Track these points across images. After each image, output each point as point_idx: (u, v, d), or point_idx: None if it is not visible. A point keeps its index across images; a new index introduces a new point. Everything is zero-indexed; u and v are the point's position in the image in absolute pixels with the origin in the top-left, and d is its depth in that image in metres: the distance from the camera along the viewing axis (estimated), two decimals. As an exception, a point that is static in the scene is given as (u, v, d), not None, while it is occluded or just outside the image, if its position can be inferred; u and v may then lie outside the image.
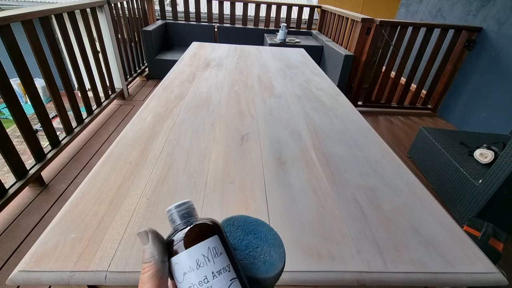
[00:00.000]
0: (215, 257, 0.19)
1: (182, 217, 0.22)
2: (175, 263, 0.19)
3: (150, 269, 0.19)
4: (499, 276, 0.44)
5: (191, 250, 0.19)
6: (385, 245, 0.47)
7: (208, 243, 0.20)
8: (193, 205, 0.23)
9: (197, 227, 0.21)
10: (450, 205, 1.38)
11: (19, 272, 0.38)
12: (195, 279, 0.18)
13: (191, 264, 0.19)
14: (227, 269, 0.19)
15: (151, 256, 0.19)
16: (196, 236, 0.20)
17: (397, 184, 0.62)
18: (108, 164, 0.60)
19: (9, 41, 1.14)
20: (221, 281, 0.19)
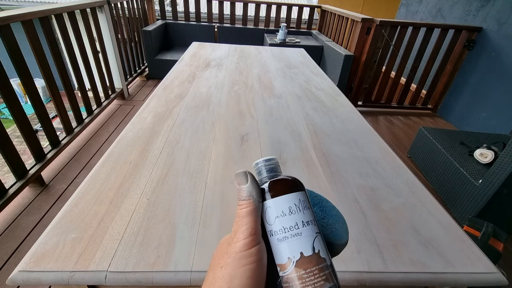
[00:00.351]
0: (305, 209, 0.21)
1: (270, 170, 0.23)
2: (268, 207, 0.21)
3: (248, 206, 0.20)
4: (499, 276, 0.44)
5: (286, 197, 0.21)
6: (385, 245, 0.47)
7: (299, 195, 0.21)
8: (278, 162, 0.24)
9: (289, 180, 0.22)
10: (450, 205, 1.38)
11: (19, 272, 0.38)
12: (287, 223, 0.20)
13: (284, 209, 0.20)
14: (313, 222, 0.21)
15: (249, 195, 0.21)
16: (290, 187, 0.21)
17: (397, 184, 0.62)
18: (108, 164, 0.60)
19: (9, 41, 1.14)
20: (309, 231, 0.20)
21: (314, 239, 0.20)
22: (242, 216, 0.20)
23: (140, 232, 0.45)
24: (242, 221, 0.20)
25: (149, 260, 0.41)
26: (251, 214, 0.20)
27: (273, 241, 0.20)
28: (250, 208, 0.20)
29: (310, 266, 0.19)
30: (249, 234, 0.19)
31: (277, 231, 0.20)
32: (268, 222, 0.21)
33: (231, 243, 0.20)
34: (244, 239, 0.19)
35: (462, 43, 2.19)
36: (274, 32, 3.11)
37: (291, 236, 0.20)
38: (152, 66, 2.78)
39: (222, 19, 3.13)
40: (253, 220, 0.20)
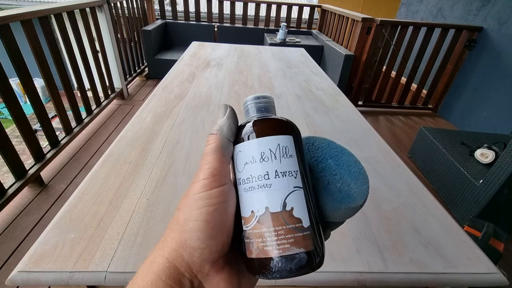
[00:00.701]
0: (283, 157, 0.17)
1: (259, 110, 0.20)
2: (238, 151, 0.18)
3: (214, 142, 0.18)
4: (499, 277, 0.44)
5: (258, 140, 0.18)
6: (386, 245, 0.47)
7: (278, 139, 0.18)
8: (273, 102, 0.21)
9: (271, 120, 0.19)
10: (450, 205, 1.38)
11: (18, 273, 0.38)
12: (255, 171, 0.17)
13: (255, 155, 0.17)
14: (293, 174, 0.17)
15: (219, 129, 0.19)
16: (267, 129, 0.18)
17: (397, 184, 0.62)
18: (107, 164, 0.60)
19: (8, 41, 1.14)
20: (283, 183, 0.17)
21: (288, 194, 0.17)
22: (206, 154, 0.18)
23: (139, 233, 0.45)
24: (204, 160, 0.18)
25: (149, 260, 0.41)
26: (215, 152, 0.18)
27: (240, 191, 0.18)
28: (215, 144, 0.18)
29: (275, 224, 0.16)
30: (210, 174, 0.17)
31: (245, 180, 0.17)
32: (238, 168, 0.18)
33: (192, 184, 0.18)
34: (204, 179, 0.17)
35: (462, 43, 2.19)
36: (274, 31, 3.11)
37: (258, 186, 0.17)
38: (152, 65, 2.77)
39: (222, 19, 3.13)
40: (217, 159, 0.17)
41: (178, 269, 0.16)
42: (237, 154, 0.18)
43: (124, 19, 2.40)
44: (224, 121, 0.19)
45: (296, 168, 0.17)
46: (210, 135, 0.19)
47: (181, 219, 0.17)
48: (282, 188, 0.17)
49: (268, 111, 0.20)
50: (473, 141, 1.51)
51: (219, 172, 0.17)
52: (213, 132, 0.19)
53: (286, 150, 0.18)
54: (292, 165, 0.17)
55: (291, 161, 0.17)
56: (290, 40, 2.85)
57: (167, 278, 0.15)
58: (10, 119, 1.19)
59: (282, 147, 0.18)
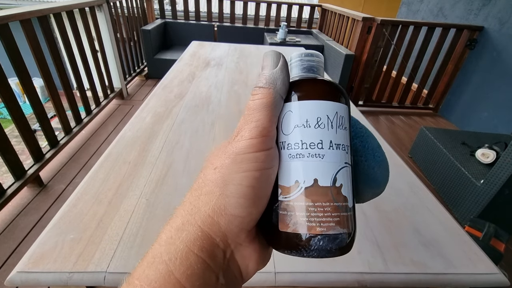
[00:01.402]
0: (339, 128, 0.15)
1: (308, 69, 0.17)
2: (288, 110, 0.16)
3: (265, 96, 0.15)
4: (500, 277, 0.43)
5: (316, 103, 0.15)
6: (386, 245, 0.47)
7: (337, 107, 0.16)
8: (323, 62, 0.18)
9: (331, 83, 0.16)
10: (451, 206, 1.38)
11: (17, 273, 0.38)
12: (308, 137, 0.15)
13: (310, 119, 0.15)
14: (345, 149, 0.16)
15: (272, 83, 0.15)
16: (326, 93, 0.16)
17: (398, 184, 0.61)
18: (107, 164, 0.60)
19: (7, 40, 1.13)
20: (336, 156, 0.15)
21: (339, 169, 0.15)
22: (253, 109, 0.15)
23: (139, 233, 0.45)
24: (251, 116, 0.15)
25: (148, 261, 0.41)
26: (266, 108, 0.15)
27: (283, 155, 0.16)
28: (267, 100, 0.15)
29: (323, 200, 0.14)
30: (259, 133, 0.14)
31: (292, 145, 0.15)
32: (284, 130, 0.16)
33: (233, 141, 0.15)
34: (250, 139, 0.14)
35: (463, 43, 2.19)
36: (274, 31, 3.10)
37: (309, 155, 0.15)
38: (151, 65, 2.77)
39: (222, 18, 3.13)
40: (268, 117, 0.15)
41: (213, 239, 0.14)
42: (286, 114, 0.16)
43: (124, 19, 2.39)
44: (277, 72, 0.16)
45: (348, 143, 0.16)
46: (259, 88, 0.15)
47: (220, 180, 0.14)
48: (334, 162, 0.15)
49: (317, 72, 0.17)
50: (474, 141, 1.50)
51: (268, 133, 0.15)
52: (263, 85, 0.15)
53: (342, 121, 0.16)
54: (345, 138, 0.16)
55: (345, 133, 0.16)
56: (290, 39, 2.85)
57: (200, 250, 0.13)
58: (9, 119, 1.19)
59: (339, 116, 0.16)
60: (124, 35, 2.42)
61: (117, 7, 2.25)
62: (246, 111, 0.15)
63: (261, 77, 0.16)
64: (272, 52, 0.17)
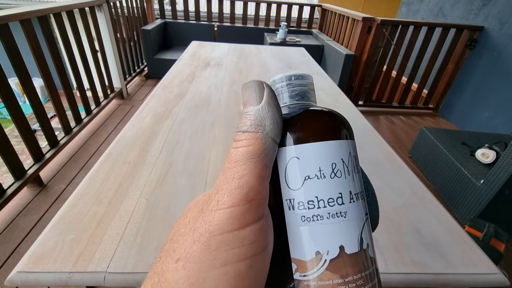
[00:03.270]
0: (355, 172, 0.12)
1: (301, 95, 0.13)
2: (292, 157, 0.12)
3: (251, 143, 0.11)
4: (500, 277, 0.43)
5: (328, 144, 0.12)
6: (386, 245, 0.47)
7: (349, 145, 0.12)
8: (313, 85, 0.14)
9: (336, 115, 0.13)
10: (451, 206, 1.38)
11: (17, 273, 0.38)
12: (325, 192, 0.11)
13: (324, 166, 0.12)
14: (363, 196, 0.13)
15: (259, 125, 0.11)
16: (334, 129, 0.12)
17: (398, 184, 0.61)
18: (107, 164, 0.60)
19: (7, 40, 1.13)
20: (358, 210, 0.12)
21: (363, 225, 0.12)
22: (235, 161, 0.11)
23: (139, 233, 0.45)
24: (233, 171, 0.11)
25: (148, 261, 0.41)
26: (254, 159, 0.11)
27: (293, 218, 0.12)
28: (255, 147, 0.11)
29: (353, 272, 0.11)
30: (244, 197, 0.10)
31: (304, 203, 0.12)
32: (289, 184, 0.12)
33: (206, 209, 0.11)
34: (231, 207, 0.10)
35: (463, 43, 2.19)
36: (274, 31, 3.10)
37: (329, 215, 0.11)
38: (151, 65, 2.77)
39: (222, 18, 3.13)
40: (256, 172, 0.11)
41: None
42: (290, 161, 0.12)
43: (124, 19, 2.39)
44: (264, 109, 0.12)
45: (363, 187, 0.13)
46: (243, 133, 0.11)
47: (184, 285, 0.09)
48: (357, 218, 0.12)
49: (309, 98, 0.14)
50: (474, 141, 1.50)
51: (257, 195, 0.11)
52: (247, 128, 0.11)
53: (355, 162, 0.13)
54: (361, 182, 0.13)
55: (360, 177, 0.13)
56: (290, 39, 2.84)
57: None
58: (9, 119, 1.18)
59: (353, 156, 0.13)
60: (124, 35, 2.42)
61: (117, 7, 2.25)
62: (226, 163, 0.11)
63: (244, 119, 0.12)
64: (253, 82, 0.13)
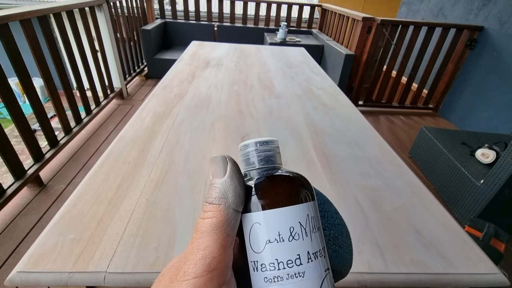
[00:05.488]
0: (313, 232, 0.14)
1: (266, 160, 0.15)
2: (254, 222, 0.13)
3: (215, 215, 0.13)
4: (500, 277, 0.43)
5: (288, 210, 0.13)
6: (386, 245, 0.47)
7: (308, 208, 0.14)
8: (279, 148, 0.16)
9: (295, 179, 0.14)
10: (451, 206, 1.38)
11: (17, 273, 0.38)
12: (283, 255, 0.13)
13: (282, 231, 0.13)
14: (323, 253, 0.14)
15: (222, 197, 0.13)
16: (292, 194, 0.14)
17: (398, 184, 0.61)
18: (107, 164, 0.60)
19: (7, 40, 1.13)
20: (316, 268, 0.13)
21: (322, 282, 0.13)
22: (201, 232, 0.13)
23: (139, 233, 0.45)
24: (199, 242, 0.12)
25: (148, 261, 0.41)
26: (215, 231, 0.12)
27: (258, 279, 0.13)
28: (217, 219, 0.13)
29: None
30: (206, 268, 0.12)
31: (266, 265, 0.13)
32: (254, 248, 0.13)
33: (175, 279, 0.12)
34: (195, 278, 0.12)
35: (463, 42, 2.18)
36: (274, 31, 3.10)
37: (288, 276, 0.13)
38: (151, 65, 2.77)
39: (222, 18, 3.13)
40: (218, 243, 0.12)
41: None
42: (253, 226, 0.13)
43: (124, 19, 2.39)
44: (227, 182, 0.13)
45: (324, 242, 0.14)
46: (209, 205, 0.13)
47: None
48: (315, 276, 0.13)
49: (274, 162, 0.15)
50: (474, 141, 1.50)
51: (219, 264, 0.12)
52: (212, 200, 0.13)
53: (314, 222, 0.14)
54: (320, 240, 0.14)
55: (319, 235, 0.14)
56: (290, 39, 2.84)
57: None
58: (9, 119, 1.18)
59: (311, 217, 0.14)
60: (124, 35, 2.42)
61: (117, 7, 2.25)
62: (194, 233, 0.13)
63: (210, 190, 0.14)
64: (218, 157, 0.14)
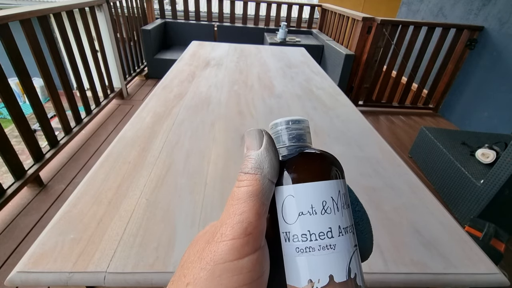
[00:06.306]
0: (343, 208, 0.14)
1: (297, 138, 0.15)
2: (288, 195, 0.14)
3: (251, 184, 0.13)
4: (500, 277, 0.43)
5: (321, 185, 0.14)
6: (386, 245, 0.47)
7: (339, 185, 0.14)
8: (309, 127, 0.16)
9: (327, 157, 0.15)
10: (451, 206, 1.38)
11: (17, 273, 0.38)
12: (316, 227, 0.13)
13: (315, 204, 0.13)
14: (352, 229, 0.14)
15: (258, 168, 0.13)
16: (325, 170, 0.14)
17: (398, 184, 0.61)
18: (107, 164, 0.60)
19: (7, 40, 1.13)
20: (346, 242, 0.13)
21: (351, 257, 0.13)
22: (237, 199, 0.13)
23: (139, 233, 0.45)
24: (235, 208, 0.13)
25: (148, 261, 0.41)
26: (253, 198, 0.13)
27: (289, 249, 0.14)
28: (254, 188, 0.13)
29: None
30: (244, 231, 0.12)
31: (299, 236, 0.13)
32: (285, 218, 0.14)
33: (212, 240, 0.13)
34: (233, 239, 0.12)
35: (463, 43, 2.18)
36: (274, 31, 3.10)
37: (320, 247, 0.13)
38: (151, 65, 2.77)
39: (222, 18, 3.13)
40: (254, 210, 0.13)
41: None
42: (286, 199, 0.14)
43: (124, 19, 2.39)
44: (263, 154, 0.14)
45: (352, 221, 0.15)
46: (245, 174, 0.14)
47: None
48: (346, 250, 0.13)
49: (305, 140, 0.16)
50: (474, 141, 1.50)
51: (255, 229, 0.12)
52: (248, 170, 0.14)
53: (344, 199, 0.14)
54: (349, 217, 0.14)
55: (349, 212, 0.14)
56: (290, 39, 2.84)
57: None
58: (9, 119, 1.18)
59: (342, 194, 0.14)
60: (124, 35, 2.42)
61: (117, 7, 2.25)
62: (230, 200, 0.13)
63: (246, 161, 0.14)
64: (254, 130, 0.15)
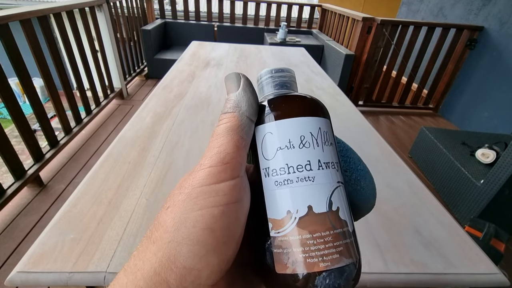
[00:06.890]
0: (325, 144, 0.14)
1: (280, 85, 0.16)
2: (267, 132, 0.14)
3: (230, 121, 0.14)
4: (501, 277, 0.43)
5: (298, 120, 0.14)
6: (386, 245, 0.47)
7: (319, 122, 0.14)
8: (295, 78, 0.17)
9: (307, 98, 0.15)
10: (451, 206, 1.38)
11: (17, 273, 0.38)
12: (293, 160, 0.13)
13: (293, 138, 0.14)
14: (335, 166, 0.14)
15: (236, 106, 0.14)
16: (306, 108, 0.15)
17: (398, 185, 0.61)
18: (107, 164, 0.60)
19: (7, 40, 1.13)
20: (327, 176, 0.13)
21: (333, 190, 0.13)
22: (217, 134, 0.14)
23: (139, 233, 0.45)
24: (214, 142, 0.13)
25: (148, 261, 0.41)
26: (230, 133, 0.13)
27: (268, 184, 0.14)
28: (231, 123, 0.14)
29: (321, 229, 0.13)
30: (220, 160, 0.13)
31: (277, 170, 0.13)
32: (265, 155, 0.14)
33: (192, 171, 0.13)
34: (210, 167, 0.12)
35: (463, 43, 2.19)
36: (274, 31, 3.10)
37: (298, 179, 0.13)
38: (151, 65, 2.77)
39: (222, 18, 3.13)
40: (232, 142, 0.13)
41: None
42: (265, 136, 0.14)
43: (124, 19, 2.39)
44: (240, 94, 0.14)
45: (337, 159, 0.15)
46: (223, 114, 0.14)
47: (170, 223, 0.12)
48: (326, 183, 0.13)
49: (290, 87, 0.16)
50: (474, 141, 1.50)
51: (232, 160, 0.13)
52: (227, 110, 0.14)
53: (326, 136, 0.14)
54: (333, 154, 0.14)
55: (332, 150, 0.14)
56: (290, 39, 2.85)
57: None
58: (9, 119, 1.18)
59: (323, 131, 0.14)
60: (124, 35, 2.42)
61: (117, 7, 2.25)
62: (210, 138, 0.14)
63: (226, 103, 0.15)
64: (232, 74, 0.15)
